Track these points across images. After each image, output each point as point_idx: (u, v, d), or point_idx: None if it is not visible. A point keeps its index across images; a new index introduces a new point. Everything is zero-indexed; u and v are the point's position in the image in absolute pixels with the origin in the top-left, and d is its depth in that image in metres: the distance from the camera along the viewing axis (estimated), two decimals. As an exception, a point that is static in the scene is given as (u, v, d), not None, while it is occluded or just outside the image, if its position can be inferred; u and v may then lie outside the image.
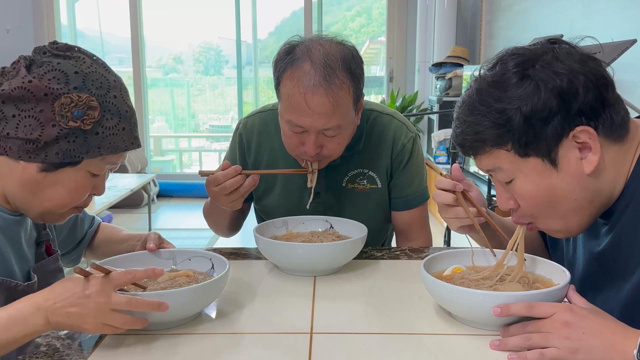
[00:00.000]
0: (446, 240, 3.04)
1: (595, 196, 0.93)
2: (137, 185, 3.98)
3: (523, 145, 0.91)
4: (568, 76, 0.88)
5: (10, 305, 0.88)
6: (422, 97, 5.79)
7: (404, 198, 1.52)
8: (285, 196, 1.52)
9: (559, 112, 0.88)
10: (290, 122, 1.30)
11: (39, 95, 0.94)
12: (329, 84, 1.24)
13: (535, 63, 0.90)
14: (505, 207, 1.01)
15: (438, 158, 4.97)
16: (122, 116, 1.01)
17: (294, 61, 1.28)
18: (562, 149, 0.90)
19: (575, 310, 0.85)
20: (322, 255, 1.22)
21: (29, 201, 1.02)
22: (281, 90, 1.31)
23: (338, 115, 1.27)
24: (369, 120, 1.50)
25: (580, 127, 0.88)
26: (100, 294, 0.87)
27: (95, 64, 1.01)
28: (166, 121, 7.87)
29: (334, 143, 1.33)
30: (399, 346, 0.92)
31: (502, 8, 4.82)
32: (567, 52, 0.91)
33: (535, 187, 0.93)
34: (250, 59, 7.00)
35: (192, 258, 1.18)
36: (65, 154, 0.97)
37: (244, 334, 0.98)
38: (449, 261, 1.12)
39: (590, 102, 0.88)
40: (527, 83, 0.89)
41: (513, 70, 0.90)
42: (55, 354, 0.89)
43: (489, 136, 0.92)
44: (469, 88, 0.97)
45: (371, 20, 7.33)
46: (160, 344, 0.93)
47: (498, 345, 0.89)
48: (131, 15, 6.17)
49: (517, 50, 0.94)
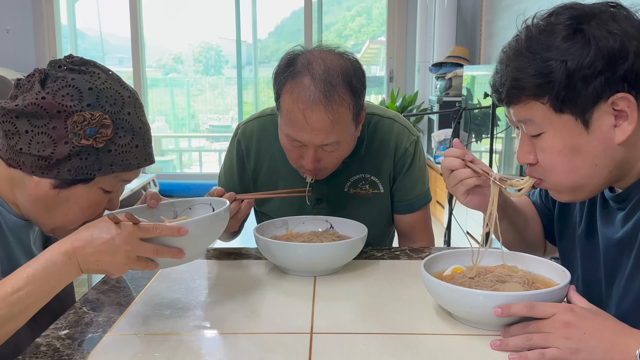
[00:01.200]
0: (446, 240, 3.04)
1: (616, 167, 0.92)
2: (137, 185, 3.97)
3: (560, 100, 0.89)
4: (621, 38, 0.86)
5: (40, 256, 0.90)
6: (422, 97, 5.79)
7: (407, 202, 1.52)
8: (287, 202, 1.51)
9: (603, 73, 0.86)
10: (289, 136, 1.30)
11: (52, 112, 0.95)
12: (328, 101, 1.23)
13: (592, 20, 0.88)
14: (524, 160, 0.99)
15: (438, 158, 4.97)
16: (135, 133, 1.01)
17: (294, 75, 1.26)
18: (597, 112, 0.89)
19: (576, 310, 0.85)
20: (322, 255, 1.22)
21: (42, 216, 1.03)
22: (281, 104, 1.30)
23: (337, 132, 1.27)
24: (370, 125, 1.48)
25: (621, 94, 0.87)
26: (128, 242, 0.90)
27: (111, 80, 1.01)
28: (166, 121, 7.86)
29: (333, 157, 1.34)
30: (399, 346, 0.92)
31: (502, 8, 4.82)
32: (625, 16, 0.89)
33: (562, 144, 0.92)
34: (250, 59, 7.00)
35: (192, 206, 1.20)
36: (77, 171, 0.97)
37: (244, 334, 0.98)
38: (449, 261, 1.12)
39: (638, 69, 0.86)
40: (579, 37, 0.87)
41: (567, 22, 0.89)
42: (55, 354, 0.89)
43: (529, 84, 0.91)
44: (517, 34, 0.95)
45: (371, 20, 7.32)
46: (160, 344, 0.93)
47: (499, 346, 0.89)
48: (131, 15, 6.17)
49: (575, 4, 0.92)
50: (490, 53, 5.10)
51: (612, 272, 1.01)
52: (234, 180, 1.54)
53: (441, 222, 4.69)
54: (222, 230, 1.09)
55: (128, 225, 0.92)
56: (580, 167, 0.93)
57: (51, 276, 0.88)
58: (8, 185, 1.02)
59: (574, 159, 0.92)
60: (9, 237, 1.04)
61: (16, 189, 1.02)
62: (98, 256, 0.90)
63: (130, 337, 0.96)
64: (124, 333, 0.97)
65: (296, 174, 1.46)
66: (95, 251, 0.89)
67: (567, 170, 0.94)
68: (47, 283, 0.88)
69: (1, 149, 1.01)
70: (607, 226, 1.01)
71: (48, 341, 0.94)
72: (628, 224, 0.95)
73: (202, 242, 1.04)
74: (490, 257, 1.13)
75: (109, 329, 0.99)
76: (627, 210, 0.96)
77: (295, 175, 1.46)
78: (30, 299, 0.87)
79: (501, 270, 1.06)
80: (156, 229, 0.93)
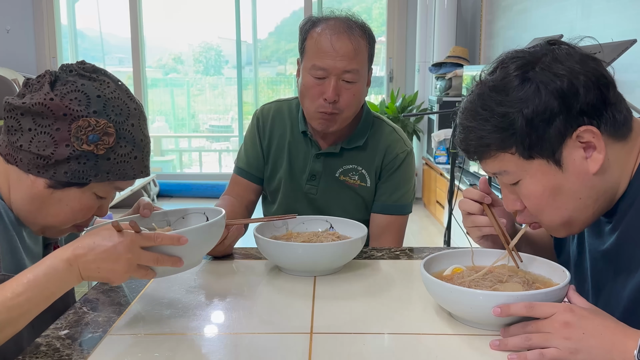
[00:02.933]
0: (446, 240, 3.04)
1: (600, 195, 0.94)
2: (137, 185, 3.98)
3: (527, 148, 0.91)
4: (568, 77, 0.88)
5: (41, 262, 0.90)
6: (422, 97, 5.79)
7: (383, 203, 1.61)
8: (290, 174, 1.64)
9: (560, 113, 0.88)
10: (315, 66, 1.46)
11: (58, 114, 0.96)
12: (351, 32, 1.46)
13: (535, 65, 0.90)
14: (511, 208, 1.02)
15: (438, 158, 4.97)
16: (136, 145, 1.03)
17: (319, 20, 1.50)
18: (566, 149, 0.90)
19: (575, 310, 0.85)
20: (322, 255, 1.22)
21: (33, 215, 1.03)
22: (307, 43, 1.50)
23: (357, 60, 1.46)
24: (374, 125, 1.63)
25: (583, 127, 0.88)
26: (129, 249, 0.91)
27: (119, 90, 1.02)
28: (166, 121, 7.86)
29: (350, 93, 1.48)
30: (399, 346, 0.92)
31: (502, 8, 4.82)
32: (566, 53, 0.91)
33: (541, 187, 0.94)
34: (250, 59, 6.99)
35: (185, 216, 1.19)
36: (74, 175, 0.98)
37: (244, 334, 0.98)
38: (449, 261, 1.12)
39: (591, 101, 0.88)
40: (528, 86, 0.89)
41: (514, 73, 0.91)
42: (55, 354, 0.90)
43: (493, 140, 0.93)
44: (470, 94, 0.97)
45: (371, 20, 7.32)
46: (160, 344, 0.93)
47: (498, 346, 0.89)
48: (131, 15, 6.17)
49: (517, 53, 0.94)
50: (490, 53, 5.10)
51: (598, 284, 1.02)
52: (256, 152, 1.67)
53: (441, 222, 4.69)
54: (218, 239, 1.10)
55: (130, 234, 0.92)
56: (565, 204, 0.94)
57: (51, 282, 0.88)
58: (5, 181, 1.03)
59: (557, 198, 0.94)
60: (11, 231, 1.04)
61: (12, 186, 1.02)
62: (99, 263, 0.90)
63: (130, 337, 0.96)
64: (124, 333, 0.97)
65: (300, 152, 1.62)
66: (96, 258, 0.90)
67: (554, 209, 0.95)
68: (47, 289, 0.88)
69: (1, 144, 1.02)
70: (595, 239, 1.02)
71: (48, 341, 0.94)
72: (613, 236, 0.96)
73: (200, 250, 1.05)
74: (490, 257, 1.13)
75: (109, 329, 0.99)
76: (613, 222, 0.97)
77: (299, 152, 1.63)
78: (29, 304, 0.87)
79: (501, 270, 1.06)
80: (157, 238, 0.94)
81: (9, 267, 1.02)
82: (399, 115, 5.53)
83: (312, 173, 1.61)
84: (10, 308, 0.86)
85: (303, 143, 1.63)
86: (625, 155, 0.93)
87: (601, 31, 3.02)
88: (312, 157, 1.61)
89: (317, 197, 1.62)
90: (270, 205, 1.72)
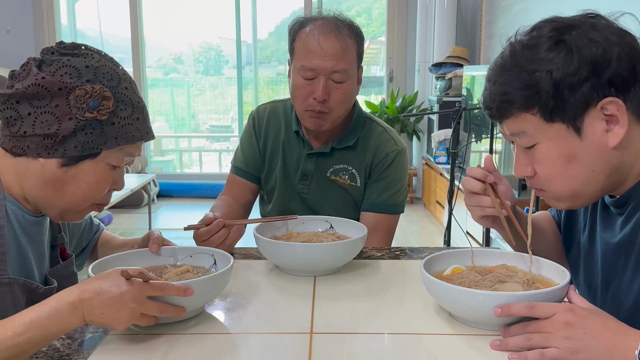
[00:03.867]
0: (446, 240, 3.04)
1: (613, 171, 0.93)
2: (137, 185, 3.97)
3: (549, 110, 0.90)
4: (603, 45, 0.87)
5: (44, 303, 0.88)
6: (422, 97, 5.79)
7: (373, 201, 1.61)
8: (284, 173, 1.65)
9: (589, 80, 0.87)
10: (303, 67, 1.47)
11: (53, 90, 0.95)
12: (339, 31, 1.46)
13: (572, 30, 0.90)
14: (522, 173, 1.00)
15: (438, 158, 4.97)
16: (135, 107, 1.03)
17: (307, 21, 1.51)
18: (588, 118, 0.90)
19: (575, 310, 0.85)
20: (322, 255, 1.22)
21: (50, 199, 1.02)
22: (296, 44, 1.51)
23: (346, 60, 1.47)
24: (365, 126, 1.63)
25: (609, 98, 0.88)
26: (135, 299, 0.89)
27: (104, 59, 1.03)
28: (166, 121, 7.86)
29: (340, 93, 1.49)
30: (399, 346, 0.92)
31: (502, 8, 4.82)
32: (605, 24, 0.91)
33: (557, 153, 0.93)
34: (250, 59, 6.99)
35: (194, 255, 1.18)
36: (84, 147, 0.98)
37: (244, 334, 0.98)
38: (449, 261, 1.12)
39: (622, 74, 0.88)
40: (561, 47, 0.89)
41: (549, 34, 0.91)
42: (55, 354, 0.89)
43: (517, 97, 0.92)
44: (502, 51, 0.96)
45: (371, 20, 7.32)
46: (160, 344, 0.93)
47: (498, 345, 0.89)
48: (131, 15, 6.17)
49: (555, 18, 0.94)
50: (490, 53, 5.10)
51: (608, 278, 1.01)
52: (253, 151, 1.68)
53: (441, 222, 4.69)
54: (223, 289, 1.08)
55: (138, 283, 0.91)
56: (577, 174, 0.93)
57: (53, 324, 0.87)
58: (15, 178, 1.02)
59: (571, 166, 0.93)
60: (21, 236, 1.04)
61: (23, 179, 1.01)
62: (104, 309, 0.88)
63: (130, 337, 0.96)
64: (124, 333, 0.97)
65: (294, 152, 1.63)
66: (102, 304, 0.88)
67: (565, 178, 0.95)
68: (48, 330, 0.87)
69: (3, 140, 1.01)
70: (607, 231, 1.01)
71: (48, 341, 0.94)
72: (626, 228, 0.95)
73: (204, 299, 1.03)
74: (490, 257, 1.13)
75: (109, 329, 0.99)
76: (625, 215, 0.96)
77: (292, 152, 1.64)
78: (29, 344, 0.86)
79: (501, 270, 1.06)
80: (164, 289, 0.92)
81: (16, 272, 1.02)
82: (399, 115, 5.53)
83: (304, 173, 1.63)
84: (10, 347, 0.84)
85: (296, 143, 1.64)
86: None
87: (601, 31, 3.02)
88: (304, 157, 1.62)
89: (309, 197, 1.63)
90: (266, 205, 1.73)
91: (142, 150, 6.30)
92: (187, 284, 0.95)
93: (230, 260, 1.08)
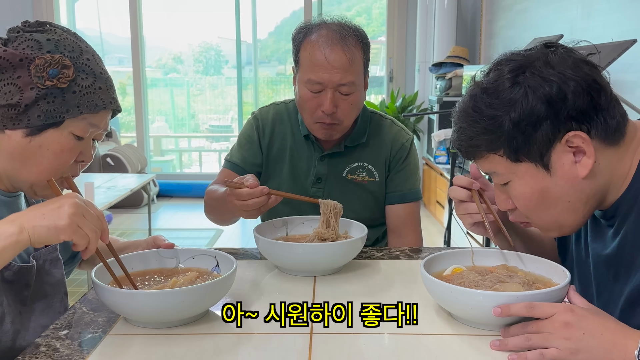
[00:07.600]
0: (446, 240, 3.04)
1: (590, 198, 0.94)
2: (137, 185, 3.97)
3: (514, 151, 0.92)
4: (558, 82, 0.88)
5: None
6: (422, 97, 5.79)
7: (400, 192, 1.62)
8: (291, 178, 1.62)
9: (547, 118, 0.89)
10: (310, 80, 1.44)
11: (14, 61, 0.97)
12: (345, 43, 1.43)
13: (526, 70, 0.91)
14: (504, 207, 1.03)
15: (438, 158, 4.97)
16: (97, 77, 1.04)
17: (312, 29, 1.48)
18: (555, 153, 0.91)
19: (575, 310, 0.85)
20: (322, 255, 1.22)
21: (18, 171, 1.03)
22: (301, 55, 1.48)
23: (353, 72, 1.44)
24: (373, 121, 1.64)
25: (572, 132, 0.89)
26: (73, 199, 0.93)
27: (67, 33, 1.05)
28: (166, 121, 7.86)
29: (348, 104, 1.47)
30: (399, 346, 0.92)
31: (502, 8, 4.82)
32: (560, 58, 0.91)
33: (529, 190, 0.95)
34: (250, 59, 7.00)
35: (196, 256, 1.18)
36: (47, 115, 0.99)
37: (244, 334, 0.98)
38: (449, 261, 1.12)
39: (580, 107, 0.89)
40: (517, 89, 0.90)
41: (506, 76, 0.92)
42: (55, 354, 0.89)
43: (482, 142, 0.95)
44: (465, 94, 0.99)
45: (371, 20, 7.33)
46: (161, 344, 0.93)
47: (498, 346, 0.89)
48: (131, 15, 6.17)
49: (513, 56, 0.95)
50: (490, 53, 5.10)
51: (599, 289, 1.02)
52: (253, 150, 1.65)
53: (441, 222, 4.68)
54: (225, 294, 1.07)
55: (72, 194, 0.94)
56: (554, 207, 0.95)
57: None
58: None
59: (546, 200, 0.95)
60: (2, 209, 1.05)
61: None
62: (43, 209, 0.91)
63: (130, 337, 0.96)
64: (124, 333, 0.97)
65: (303, 156, 1.61)
66: (40, 207, 0.91)
67: (543, 210, 0.96)
68: None
69: None
70: (597, 242, 1.02)
71: (48, 341, 0.94)
72: (615, 240, 0.96)
73: (206, 304, 1.03)
74: (490, 257, 1.13)
75: (109, 329, 0.99)
76: (615, 227, 0.97)
77: (301, 156, 1.61)
78: None
79: (501, 271, 1.06)
80: None
81: None
82: (399, 115, 5.53)
83: (318, 176, 1.60)
84: None
85: (305, 146, 1.62)
86: (618, 159, 0.93)
87: (601, 31, 3.02)
88: (316, 160, 1.60)
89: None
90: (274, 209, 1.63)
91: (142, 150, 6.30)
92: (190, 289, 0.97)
93: (234, 263, 1.07)
